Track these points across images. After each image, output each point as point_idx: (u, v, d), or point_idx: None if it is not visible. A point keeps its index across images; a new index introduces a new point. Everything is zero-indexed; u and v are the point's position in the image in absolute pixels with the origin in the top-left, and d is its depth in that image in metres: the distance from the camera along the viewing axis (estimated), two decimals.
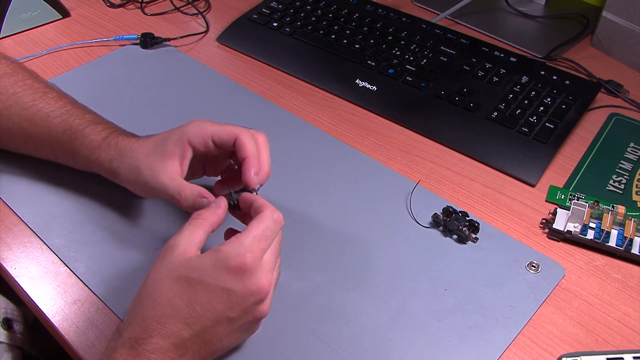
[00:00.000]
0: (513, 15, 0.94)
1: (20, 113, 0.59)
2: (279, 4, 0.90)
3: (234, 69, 0.81)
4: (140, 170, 0.53)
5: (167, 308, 0.43)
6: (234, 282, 0.43)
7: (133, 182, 0.55)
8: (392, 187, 0.64)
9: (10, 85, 0.61)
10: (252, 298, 0.44)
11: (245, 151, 0.51)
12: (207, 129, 0.53)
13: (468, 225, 0.59)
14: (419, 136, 0.72)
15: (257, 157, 0.52)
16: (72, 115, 0.59)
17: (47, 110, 0.59)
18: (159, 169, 0.52)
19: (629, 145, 0.71)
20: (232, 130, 0.53)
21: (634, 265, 0.57)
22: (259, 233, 0.45)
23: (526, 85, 0.75)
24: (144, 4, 0.94)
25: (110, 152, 0.56)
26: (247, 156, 0.51)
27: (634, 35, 0.81)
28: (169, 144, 0.53)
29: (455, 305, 0.53)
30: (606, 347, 0.51)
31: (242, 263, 0.43)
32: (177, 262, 0.44)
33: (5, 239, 0.58)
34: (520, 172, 0.66)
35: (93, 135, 0.57)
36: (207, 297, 0.43)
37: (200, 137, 0.53)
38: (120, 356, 0.42)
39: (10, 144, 0.63)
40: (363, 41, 0.82)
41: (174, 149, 0.53)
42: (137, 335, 0.42)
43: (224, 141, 0.53)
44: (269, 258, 0.46)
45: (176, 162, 0.53)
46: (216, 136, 0.53)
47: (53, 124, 0.59)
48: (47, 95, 0.61)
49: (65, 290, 0.54)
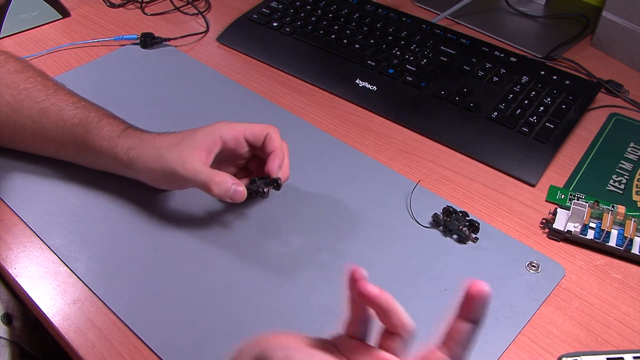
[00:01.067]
0: (513, 15, 0.94)
1: (33, 107, 0.60)
2: (279, 4, 0.90)
3: (234, 69, 0.81)
4: (166, 159, 0.55)
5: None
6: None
7: (154, 171, 0.56)
8: (392, 187, 0.64)
9: (21, 81, 0.61)
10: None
11: (274, 145, 0.56)
12: (239, 126, 0.57)
13: (468, 225, 0.59)
14: (419, 136, 0.72)
15: (283, 153, 0.57)
16: (88, 109, 0.60)
17: (61, 104, 0.60)
18: (187, 157, 0.54)
19: (629, 145, 0.71)
20: (265, 127, 0.57)
21: (634, 265, 0.57)
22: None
23: (526, 85, 0.75)
24: (144, 4, 0.94)
25: (129, 141, 0.57)
26: (275, 149, 0.56)
27: (634, 35, 0.81)
28: (198, 137, 0.55)
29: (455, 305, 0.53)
30: (606, 347, 0.51)
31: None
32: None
33: (5, 239, 0.58)
34: (520, 172, 0.66)
35: (110, 126, 0.59)
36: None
37: (233, 133, 0.56)
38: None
39: (19, 141, 0.63)
40: (363, 41, 0.82)
41: (204, 140, 0.55)
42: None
43: (257, 137, 0.57)
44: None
45: (203, 153, 0.55)
46: (249, 132, 0.57)
47: (68, 116, 0.59)
48: (59, 92, 0.62)
49: (65, 290, 0.54)
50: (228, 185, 0.54)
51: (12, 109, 0.60)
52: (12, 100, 0.60)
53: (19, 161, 0.64)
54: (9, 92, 0.60)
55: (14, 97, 0.60)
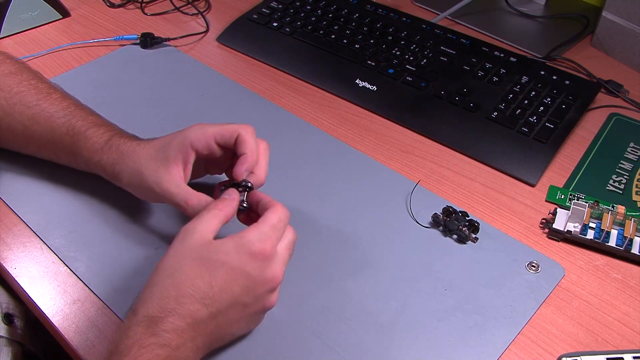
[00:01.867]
0: (513, 15, 0.94)
1: (24, 112, 0.60)
2: (279, 4, 0.90)
3: (234, 69, 0.81)
4: (143, 176, 0.53)
5: (187, 287, 0.43)
6: (253, 267, 0.45)
7: (136, 186, 0.55)
8: (392, 187, 0.64)
9: (15, 84, 0.61)
10: (266, 286, 0.46)
11: (245, 147, 0.52)
12: (208, 130, 0.53)
13: (468, 225, 0.59)
14: (419, 136, 0.72)
15: (255, 155, 0.52)
16: (75, 117, 0.59)
17: (50, 110, 0.59)
18: (162, 176, 0.52)
19: (629, 145, 0.71)
20: (234, 128, 0.53)
21: (634, 265, 0.57)
22: (275, 223, 0.47)
23: (526, 85, 0.75)
24: (144, 4, 0.94)
25: (112, 155, 0.56)
26: (245, 151, 0.52)
27: (634, 35, 0.81)
28: (171, 149, 0.53)
29: (455, 305, 0.53)
30: (606, 347, 0.51)
31: (263, 249, 0.45)
32: (197, 244, 0.45)
33: (5, 239, 0.58)
34: (520, 172, 0.66)
35: (95, 137, 0.57)
36: (226, 278, 0.44)
37: (203, 140, 0.53)
38: (136, 334, 0.41)
39: (12, 143, 0.63)
40: (363, 41, 0.82)
41: (177, 154, 0.53)
42: (153, 313, 0.42)
43: (227, 139, 0.53)
44: (284, 252, 0.48)
45: (179, 168, 0.53)
46: (218, 136, 0.53)
47: (57, 124, 0.59)
48: (50, 96, 0.61)
49: (65, 290, 0.54)
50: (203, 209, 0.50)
51: (5, 112, 0.60)
52: (4, 104, 0.60)
53: (19, 161, 0.64)
54: (2, 96, 0.60)
55: (6, 101, 0.60)
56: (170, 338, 0.41)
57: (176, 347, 0.42)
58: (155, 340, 0.41)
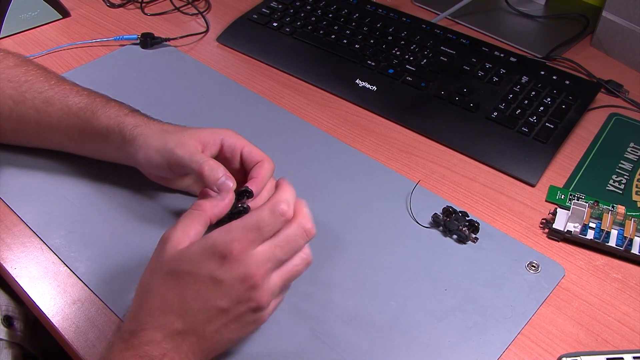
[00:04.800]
0: (513, 15, 0.94)
1: (36, 97, 0.60)
2: (279, 4, 0.90)
3: (234, 69, 0.81)
4: (167, 139, 0.55)
5: (158, 302, 0.44)
6: (220, 271, 0.43)
7: (153, 148, 0.55)
8: (392, 187, 0.64)
9: (22, 74, 0.61)
10: (241, 286, 0.43)
11: (259, 173, 0.54)
12: (242, 140, 0.56)
13: (468, 225, 0.59)
14: (419, 136, 0.72)
15: (264, 185, 0.54)
16: (94, 95, 0.61)
17: (65, 92, 0.61)
18: (187, 141, 0.54)
19: (629, 145, 0.71)
20: (263, 155, 0.56)
21: (634, 265, 0.57)
22: (251, 223, 0.44)
23: (526, 85, 0.75)
24: (144, 4, 0.94)
25: (136, 119, 0.58)
26: (258, 177, 0.54)
27: (634, 35, 0.81)
28: (202, 131, 0.56)
29: (455, 305, 0.53)
30: (606, 347, 0.51)
31: (227, 250, 0.43)
32: (167, 256, 0.45)
33: (5, 239, 0.58)
34: (520, 172, 0.66)
35: (119, 107, 0.60)
36: (195, 287, 0.43)
37: (233, 142, 0.56)
38: (117, 348, 0.43)
39: (21, 132, 0.63)
40: (363, 41, 0.82)
41: (206, 137, 0.55)
42: (131, 327, 0.43)
43: (252, 158, 0.55)
44: (265, 249, 0.44)
45: (201, 146, 0.55)
46: (247, 150, 0.56)
47: (73, 102, 0.60)
48: (62, 83, 0.62)
49: (65, 290, 0.54)
50: (219, 174, 0.52)
51: (15, 101, 0.60)
52: (14, 93, 0.60)
53: (19, 161, 0.64)
54: (10, 86, 0.60)
55: (15, 90, 0.60)
56: (148, 349, 0.42)
57: (160, 357, 0.42)
58: (134, 352, 0.42)
